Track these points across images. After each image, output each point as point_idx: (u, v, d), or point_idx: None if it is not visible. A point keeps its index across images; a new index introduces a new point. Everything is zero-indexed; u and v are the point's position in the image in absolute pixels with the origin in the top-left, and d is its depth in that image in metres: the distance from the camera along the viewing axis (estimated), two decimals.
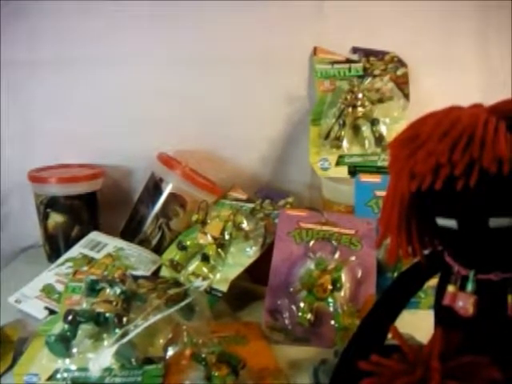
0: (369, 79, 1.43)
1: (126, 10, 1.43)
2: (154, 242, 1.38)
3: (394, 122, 1.36)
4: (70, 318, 0.92)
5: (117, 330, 0.90)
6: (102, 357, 0.88)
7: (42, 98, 1.49)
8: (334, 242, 1.11)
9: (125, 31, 1.45)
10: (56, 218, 1.40)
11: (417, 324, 0.85)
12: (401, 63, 1.45)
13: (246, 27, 1.46)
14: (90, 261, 1.25)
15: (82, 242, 1.34)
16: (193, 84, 1.47)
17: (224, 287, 1.11)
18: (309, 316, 1.04)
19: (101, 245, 1.31)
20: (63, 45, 1.46)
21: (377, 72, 1.44)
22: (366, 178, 1.24)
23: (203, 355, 0.84)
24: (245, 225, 1.19)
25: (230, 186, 1.43)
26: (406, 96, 1.42)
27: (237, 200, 1.36)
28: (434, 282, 0.77)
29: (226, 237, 1.19)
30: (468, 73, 1.49)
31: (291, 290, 1.07)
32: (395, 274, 1.10)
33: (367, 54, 1.47)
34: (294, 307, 1.06)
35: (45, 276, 1.23)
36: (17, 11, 1.43)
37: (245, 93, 1.49)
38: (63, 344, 0.91)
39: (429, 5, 1.45)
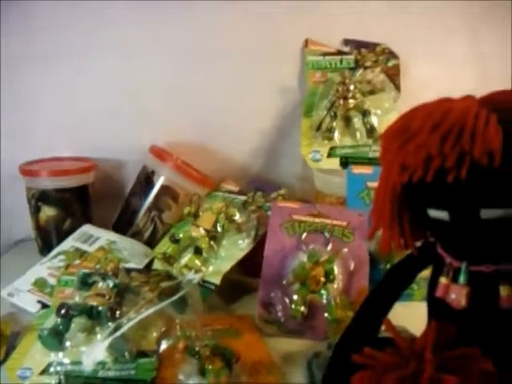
0: (360, 71, 1.43)
1: (118, 1, 1.43)
2: (147, 234, 1.37)
3: (385, 113, 1.36)
4: (62, 311, 0.93)
5: (110, 324, 0.90)
6: (95, 350, 0.88)
7: (33, 92, 1.48)
8: (326, 233, 1.11)
9: (118, 23, 1.45)
10: (48, 212, 1.39)
11: (410, 316, 0.85)
12: (392, 55, 1.45)
13: (238, 19, 1.45)
14: (82, 254, 1.25)
15: (74, 235, 1.34)
16: (184, 76, 1.46)
17: (217, 280, 1.11)
18: (302, 308, 1.04)
19: (93, 238, 1.31)
20: (55, 38, 1.44)
21: (368, 64, 1.44)
22: (357, 170, 1.24)
23: (196, 348, 0.84)
24: (237, 217, 1.20)
25: (221, 178, 1.43)
26: (398, 87, 1.43)
27: (229, 192, 1.36)
28: (426, 273, 0.77)
29: (219, 229, 1.19)
30: (459, 64, 1.49)
31: (284, 282, 1.07)
32: (388, 266, 1.10)
33: (358, 45, 1.47)
34: (286, 300, 1.06)
35: (37, 269, 1.23)
36: (10, 4, 1.42)
37: (236, 85, 1.49)
38: (56, 338, 0.91)
39: None
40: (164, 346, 0.90)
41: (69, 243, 1.31)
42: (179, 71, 1.46)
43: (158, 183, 1.37)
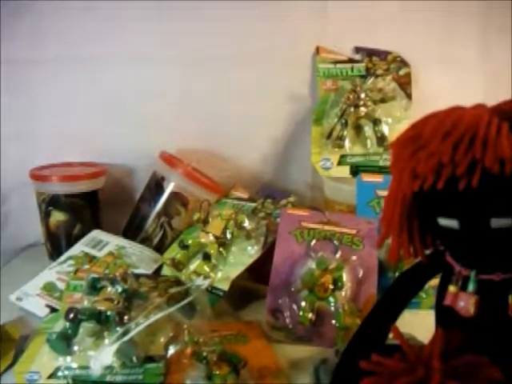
0: (371, 79, 1.43)
1: (127, 9, 1.43)
2: (156, 240, 1.37)
3: (396, 121, 1.36)
4: (71, 315, 0.93)
5: (118, 329, 0.90)
6: (103, 355, 0.88)
7: (43, 97, 1.48)
8: (335, 241, 1.11)
9: (126, 31, 1.45)
10: (58, 217, 1.39)
11: (418, 324, 0.85)
12: (403, 63, 1.45)
13: (249, 26, 1.45)
14: (91, 259, 1.25)
15: (84, 240, 1.34)
16: (195, 83, 1.47)
17: (225, 286, 1.11)
18: (310, 315, 1.04)
19: (102, 243, 1.31)
20: (65, 44, 1.45)
21: (379, 72, 1.44)
22: (367, 178, 1.23)
23: (204, 354, 0.84)
24: (246, 224, 1.20)
25: (231, 185, 1.43)
26: (409, 96, 1.42)
27: (238, 199, 1.36)
28: (435, 282, 0.77)
29: (228, 236, 1.19)
30: (470, 73, 1.49)
31: (292, 289, 1.07)
32: (396, 274, 1.10)
33: (370, 53, 1.47)
34: (295, 306, 1.06)
35: (46, 274, 1.23)
36: (17, 10, 1.43)
37: (247, 92, 1.48)
38: (64, 342, 0.92)
39: (431, 5, 1.45)
40: (172, 351, 0.90)
41: (78, 248, 1.31)
42: (189, 78, 1.46)
43: (168, 189, 1.37)
